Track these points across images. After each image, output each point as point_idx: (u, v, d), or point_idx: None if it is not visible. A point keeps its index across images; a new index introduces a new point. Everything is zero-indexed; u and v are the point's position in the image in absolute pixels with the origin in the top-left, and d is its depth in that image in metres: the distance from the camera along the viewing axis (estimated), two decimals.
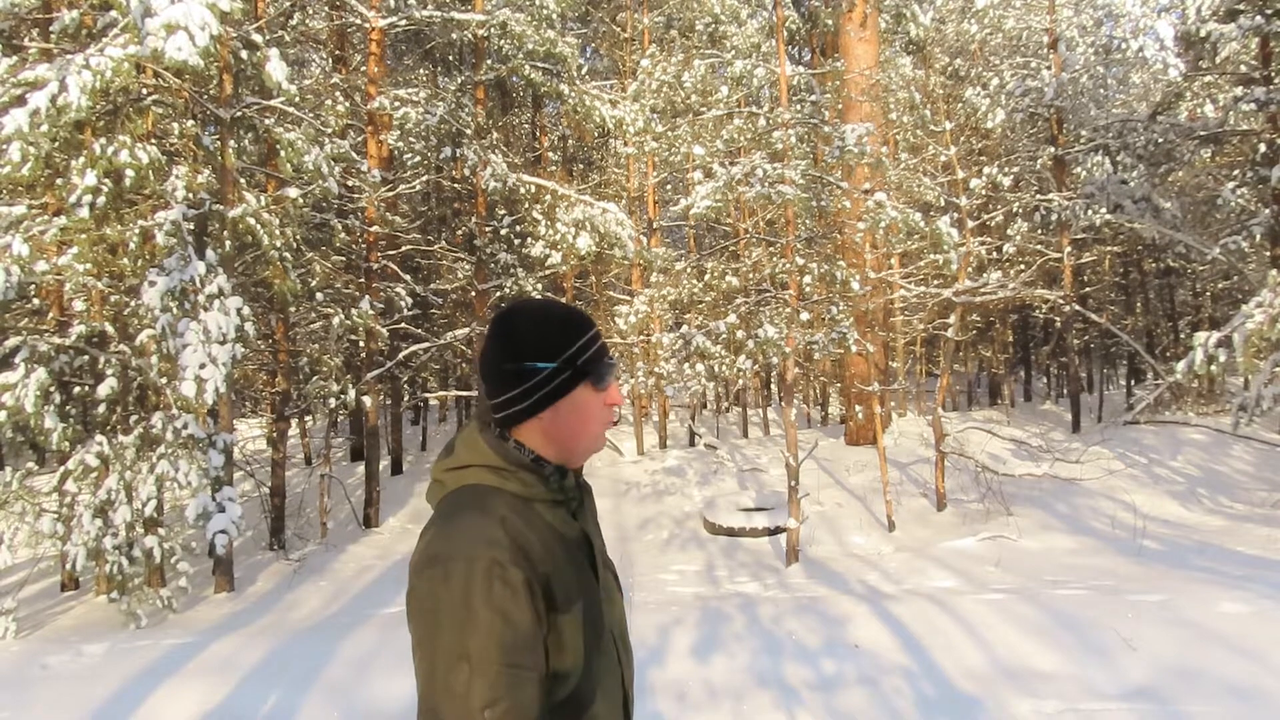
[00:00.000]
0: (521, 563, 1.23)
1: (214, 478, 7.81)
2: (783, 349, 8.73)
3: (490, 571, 1.21)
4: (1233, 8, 12.29)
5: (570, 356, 1.34)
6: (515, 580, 1.21)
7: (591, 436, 1.40)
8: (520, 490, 1.33)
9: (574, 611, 1.29)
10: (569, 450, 1.38)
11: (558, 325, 1.37)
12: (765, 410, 18.45)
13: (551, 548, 1.30)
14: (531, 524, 1.30)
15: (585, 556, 1.39)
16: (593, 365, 1.37)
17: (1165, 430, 12.38)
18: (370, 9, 11.81)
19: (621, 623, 1.49)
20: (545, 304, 1.41)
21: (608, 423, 1.41)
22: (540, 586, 1.24)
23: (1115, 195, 14.65)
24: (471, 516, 1.28)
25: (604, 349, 1.39)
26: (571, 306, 1.43)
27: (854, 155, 9.03)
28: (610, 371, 1.40)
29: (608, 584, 1.45)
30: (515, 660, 1.19)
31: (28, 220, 8.16)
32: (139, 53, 7.05)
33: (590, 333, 1.38)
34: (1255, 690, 4.18)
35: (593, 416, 1.38)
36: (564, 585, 1.29)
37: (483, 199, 12.50)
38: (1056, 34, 15.82)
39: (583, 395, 1.36)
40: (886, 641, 5.23)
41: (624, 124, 12.51)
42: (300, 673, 5.31)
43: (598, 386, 1.38)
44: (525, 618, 1.21)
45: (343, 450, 17.09)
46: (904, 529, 9.60)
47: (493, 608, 1.19)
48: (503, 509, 1.29)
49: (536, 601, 1.23)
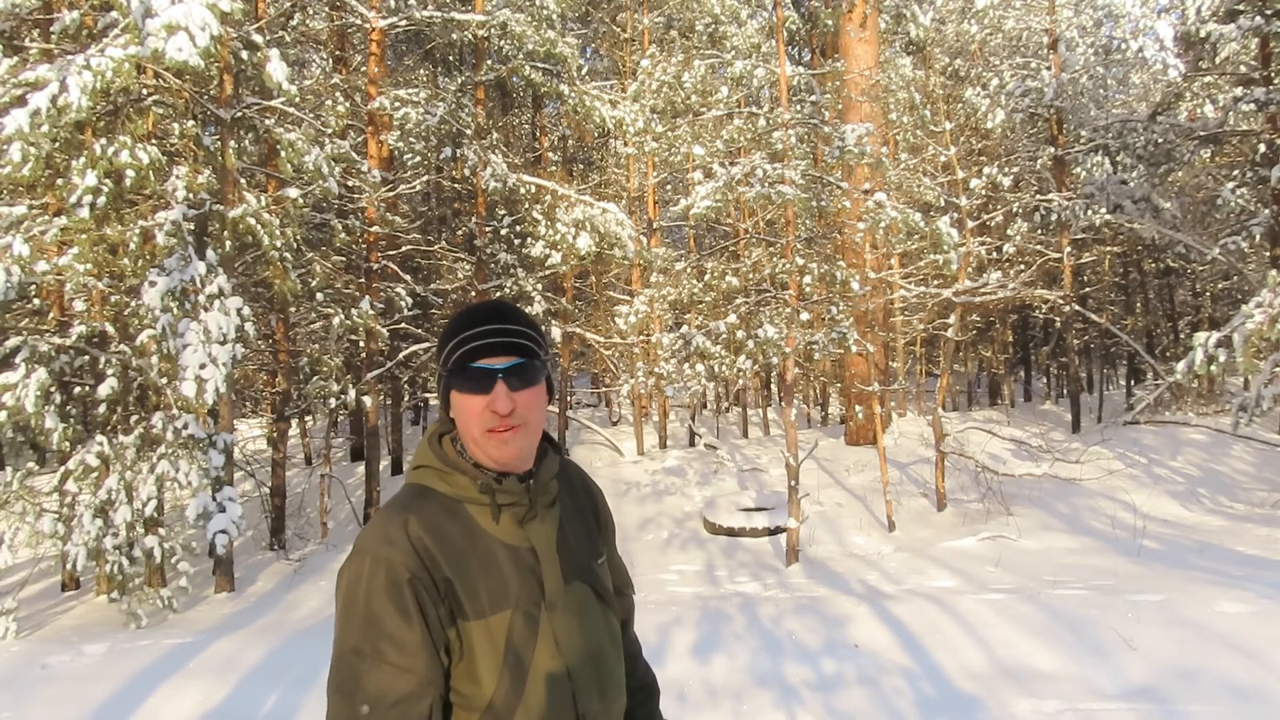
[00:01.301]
0: (412, 563, 1.23)
1: (214, 478, 7.81)
2: (783, 349, 8.73)
3: (376, 570, 1.23)
4: (1232, 8, 12.29)
5: (444, 358, 1.34)
6: (399, 579, 1.22)
7: (474, 441, 1.32)
8: (450, 491, 1.32)
9: (490, 621, 1.26)
10: (474, 453, 1.33)
11: (447, 328, 1.36)
12: (765, 410, 18.46)
13: (468, 553, 1.28)
14: (452, 527, 1.29)
15: (528, 566, 1.32)
16: (455, 370, 1.32)
17: (1165, 430, 12.38)
18: (370, 9, 11.81)
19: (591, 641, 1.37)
20: (468, 306, 1.40)
21: (495, 429, 1.30)
22: (436, 591, 1.24)
23: (1115, 195, 14.66)
24: (384, 515, 1.31)
25: (475, 352, 1.30)
26: (482, 303, 1.39)
27: (854, 155, 9.04)
28: (475, 379, 1.30)
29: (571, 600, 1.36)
30: (391, 658, 1.20)
31: (28, 220, 8.17)
32: (139, 53, 7.05)
33: (460, 335, 1.32)
34: (1255, 690, 4.19)
35: (470, 420, 1.31)
36: (477, 592, 1.26)
37: (483, 199, 12.50)
38: (1056, 34, 15.82)
39: (459, 399, 1.32)
40: (886, 641, 5.23)
41: (624, 124, 12.51)
42: (300, 673, 5.32)
43: (462, 392, 1.31)
44: (405, 620, 1.21)
45: (343, 450, 17.09)
46: (904, 529, 9.60)
47: (372, 605, 1.22)
48: (422, 509, 1.30)
49: (426, 604, 1.23)
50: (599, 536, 1.51)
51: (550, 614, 1.32)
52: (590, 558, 1.44)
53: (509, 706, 1.27)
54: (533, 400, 1.33)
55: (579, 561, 1.40)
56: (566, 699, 1.31)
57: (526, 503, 1.34)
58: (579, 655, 1.34)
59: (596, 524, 1.52)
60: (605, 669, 1.39)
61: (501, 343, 1.31)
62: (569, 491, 1.47)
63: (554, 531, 1.37)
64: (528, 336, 1.34)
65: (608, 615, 1.44)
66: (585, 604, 1.38)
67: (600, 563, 1.46)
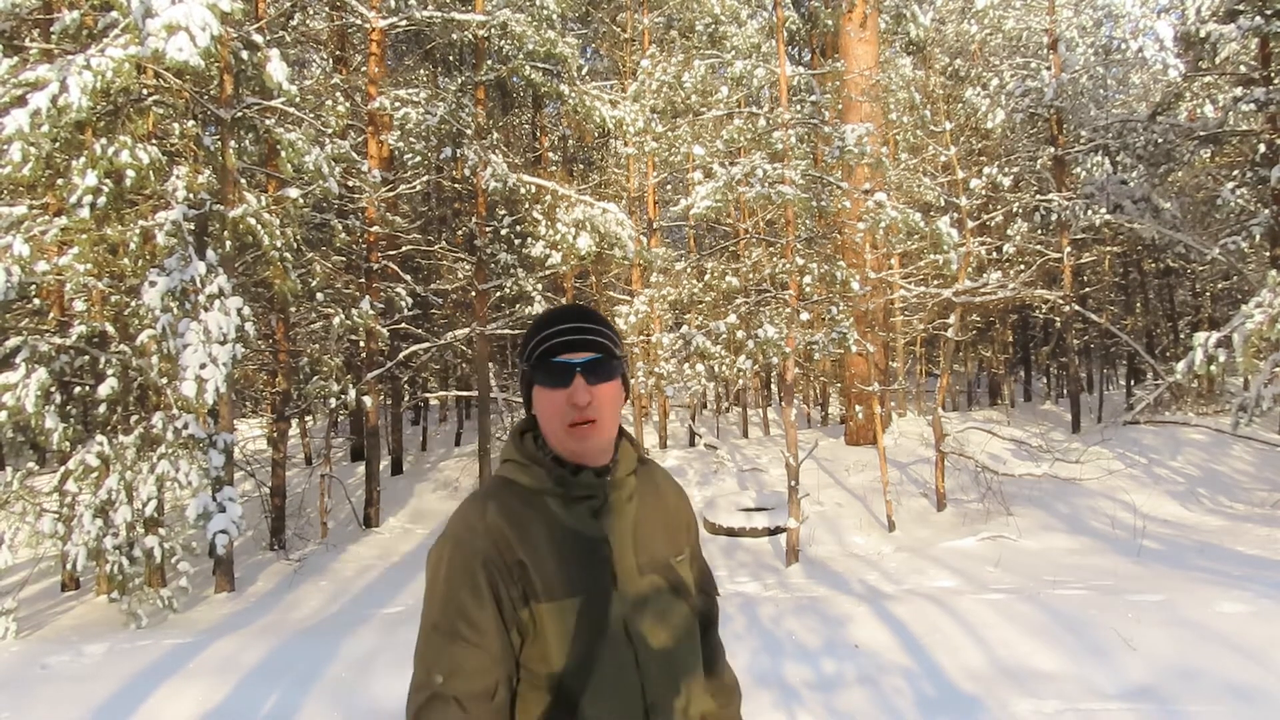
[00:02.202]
0: (487, 546, 1.32)
1: (214, 478, 7.81)
2: (783, 349, 8.73)
3: (455, 553, 1.33)
4: (1232, 8, 12.29)
5: (528, 355, 1.42)
6: (473, 561, 1.31)
7: (555, 435, 1.40)
8: (529, 483, 1.40)
9: (562, 604, 1.33)
10: (557, 447, 1.41)
11: (532, 326, 1.45)
12: (765, 410, 18.46)
13: (544, 539, 1.35)
14: (530, 515, 1.37)
15: (601, 556, 1.38)
16: (538, 364, 1.40)
17: (1165, 430, 12.38)
18: (370, 9, 11.81)
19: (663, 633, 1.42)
20: (550, 309, 1.49)
21: (575, 422, 1.38)
22: (511, 573, 1.32)
23: (1115, 195, 14.66)
24: (467, 503, 1.40)
25: (556, 348, 1.39)
26: (562, 306, 1.48)
27: (854, 155, 9.04)
28: (555, 373, 1.38)
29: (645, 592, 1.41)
30: (465, 635, 1.29)
31: (28, 220, 8.16)
32: (140, 53, 7.05)
33: (540, 333, 1.41)
34: (1255, 690, 4.18)
35: (552, 414, 1.39)
36: (550, 577, 1.33)
37: (483, 199, 12.50)
38: (1056, 34, 15.81)
39: (540, 394, 1.41)
40: (886, 641, 5.23)
41: (624, 124, 12.51)
42: (300, 673, 5.32)
43: (543, 386, 1.40)
44: (477, 599, 1.30)
45: (343, 450, 17.09)
46: (904, 529, 9.60)
47: (450, 583, 1.32)
48: (501, 497, 1.39)
49: (497, 584, 1.31)
50: (680, 536, 1.55)
51: (621, 603, 1.38)
52: (668, 553, 1.49)
53: (577, 688, 1.33)
54: (609, 395, 1.40)
55: (655, 556, 1.46)
56: (634, 687, 1.36)
57: (601, 495, 1.41)
58: (649, 646, 1.39)
59: (681, 524, 1.57)
60: (677, 662, 1.43)
61: (579, 339, 1.40)
62: (650, 489, 1.52)
63: (629, 525, 1.43)
64: (604, 335, 1.43)
65: (683, 610, 1.47)
66: (659, 597, 1.43)
67: (679, 559, 1.51)
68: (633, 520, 1.44)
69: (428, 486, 13.41)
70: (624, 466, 1.46)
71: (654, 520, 1.49)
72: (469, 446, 15.84)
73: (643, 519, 1.46)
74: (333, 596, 8.49)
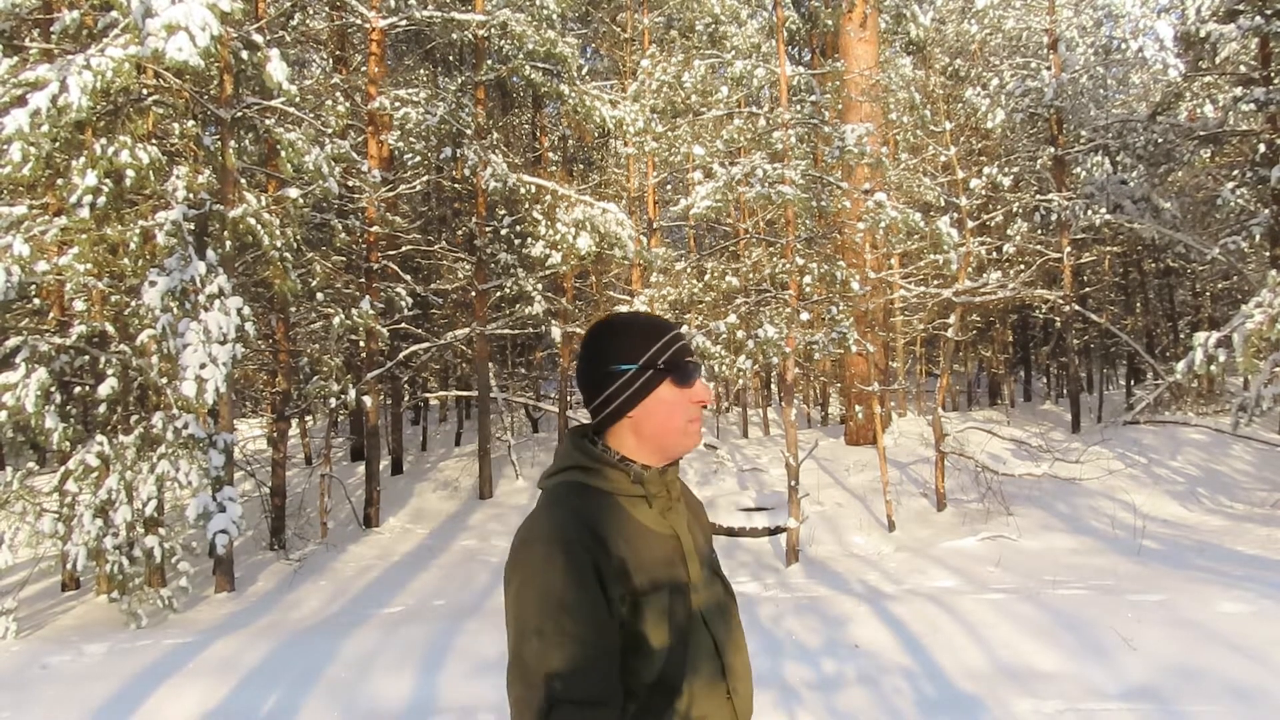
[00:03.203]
0: (591, 546, 1.32)
1: (214, 477, 7.80)
2: (783, 349, 8.73)
3: (553, 553, 1.30)
4: (1232, 8, 12.29)
5: (651, 357, 1.45)
6: (582, 562, 1.30)
7: (679, 431, 1.45)
8: (605, 486, 1.42)
9: (657, 598, 1.36)
10: (661, 446, 1.45)
11: (640, 331, 1.48)
12: (765, 410, 18.46)
13: (632, 537, 1.38)
14: (612, 515, 1.40)
15: (675, 551, 1.43)
16: (674, 364, 1.46)
17: (1165, 430, 12.38)
18: (371, 9, 11.81)
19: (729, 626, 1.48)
20: (632, 314, 1.53)
21: (694, 418, 1.47)
22: (613, 569, 1.32)
23: (1115, 195, 14.66)
24: (553, 508, 1.39)
25: (685, 350, 1.47)
26: (655, 315, 1.54)
27: (854, 155, 9.04)
28: (693, 370, 1.47)
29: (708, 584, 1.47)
30: (578, 634, 1.27)
31: (28, 220, 8.16)
32: (140, 53, 7.05)
33: (669, 334, 1.47)
34: (1255, 690, 4.18)
35: (678, 412, 1.45)
36: (645, 572, 1.36)
37: (483, 199, 12.50)
38: (1056, 34, 15.82)
39: (667, 392, 1.45)
40: (886, 641, 5.23)
41: (624, 124, 12.50)
42: (300, 673, 5.32)
43: (680, 384, 1.45)
44: (589, 596, 1.29)
45: (343, 450, 17.08)
46: (904, 529, 9.60)
47: (553, 585, 1.29)
48: (581, 500, 1.40)
49: (606, 582, 1.31)
50: (708, 529, 1.62)
51: (697, 598, 1.43)
52: (710, 550, 1.55)
53: (677, 679, 1.36)
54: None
55: (705, 552, 1.52)
56: (720, 677, 1.42)
57: (665, 495, 1.46)
58: (725, 638, 1.45)
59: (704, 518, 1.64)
60: (743, 654, 1.50)
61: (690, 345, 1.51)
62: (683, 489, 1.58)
63: (685, 521, 1.50)
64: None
65: (735, 606, 1.54)
66: (721, 593, 1.50)
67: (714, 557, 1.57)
68: (685, 517, 1.51)
69: (428, 486, 13.41)
70: (673, 466, 1.51)
71: (695, 514, 1.57)
72: (469, 446, 15.84)
73: (690, 515, 1.54)
74: (333, 596, 8.49)
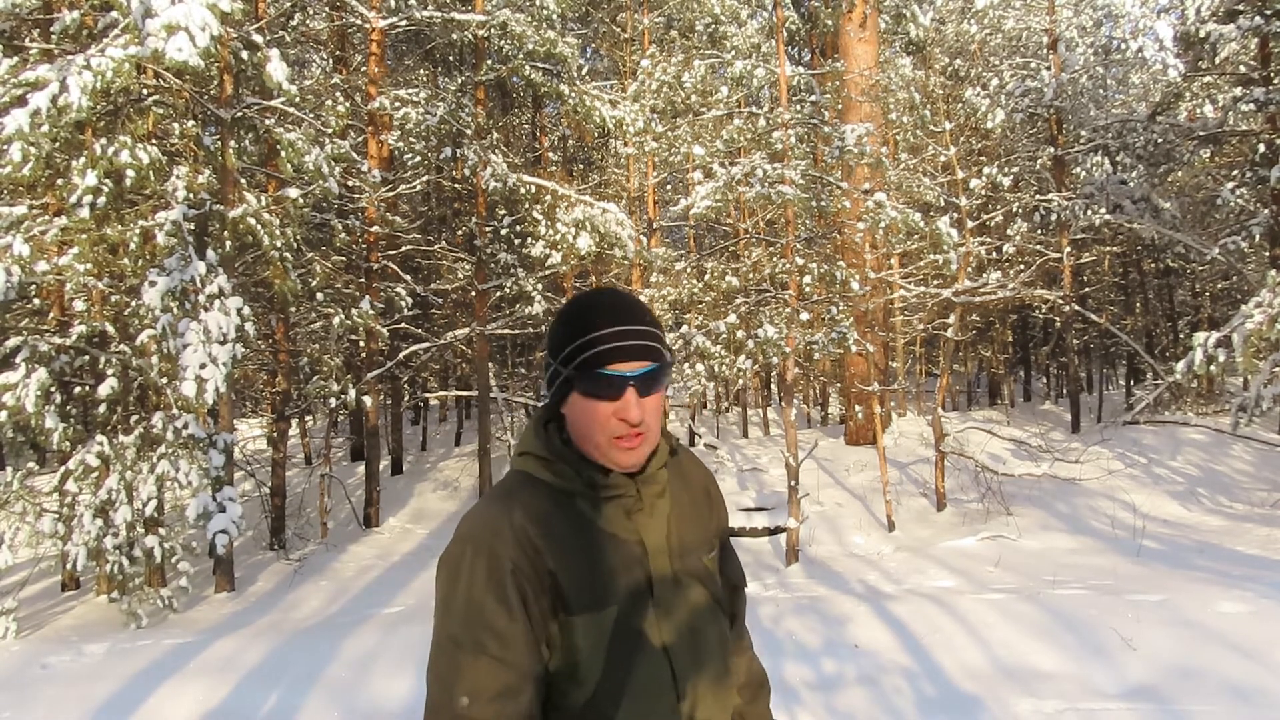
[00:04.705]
0: (515, 553, 1.19)
1: (214, 477, 7.81)
2: (783, 349, 8.73)
3: (478, 559, 1.20)
4: (1232, 8, 12.29)
5: (566, 356, 1.24)
6: (502, 570, 1.19)
7: (601, 446, 1.24)
8: (556, 482, 1.27)
9: (597, 616, 1.22)
10: (588, 451, 1.26)
11: (567, 318, 1.27)
12: (765, 410, 18.46)
13: (576, 543, 1.24)
14: (559, 518, 1.25)
15: (636, 559, 1.27)
16: (581, 372, 1.22)
17: (1165, 430, 12.38)
18: (371, 9, 11.81)
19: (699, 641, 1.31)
20: (586, 294, 1.29)
21: (621, 436, 1.22)
22: (541, 582, 1.20)
23: (1115, 195, 14.66)
24: (489, 502, 1.27)
25: (605, 355, 1.20)
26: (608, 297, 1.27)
27: (854, 155, 9.04)
28: (604, 385, 1.21)
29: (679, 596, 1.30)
30: (495, 651, 1.17)
31: (29, 220, 8.16)
32: (139, 53, 7.05)
33: (588, 336, 1.22)
34: (1255, 690, 4.19)
35: (594, 426, 1.23)
36: (582, 586, 1.22)
37: (483, 199, 12.50)
38: (1056, 34, 15.82)
39: (581, 403, 1.23)
40: (886, 641, 5.23)
41: (624, 124, 12.50)
42: (300, 673, 5.32)
43: (587, 396, 1.22)
44: (507, 611, 1.18)
45: (343, 450, 17.09)
46: (904, 529, 9.60)
47: (473, 594, 1.19)
48: (528, 494, 1.26)
49: (531, 597, 1.19)
50: (710, 528, 1.43)
51: (657, 610, 1.27)
52: (701, 550, 1.37)
53: (611, 704, 1.22)
54: (658, 405, 1.25)
55: (689, 556, 1.34)
56: (670, 697, 1.26)
57: (634, 494, 1.28)
58: (686, 655, 1.29)
59: (710, 515, 1.44)
60: (714, 670, 1.33)
61: (636, 346, 1.21)
62: (681, 482, 1.39)
63: (663, 524, 1.31)
64: (657, 339, 1.24)
65: (717, 613, 1.37)
66: (694, 601, 1.32)
67: (712, 556, 1.39)
68: (666, 517, 1.32)
69: (428, 486, 13.41)
70: (656, 460, 1.31)
71: (686, 515, 1.37)
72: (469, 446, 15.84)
73: (676, 515, 1.34)
74: (333, 596, 8.49)
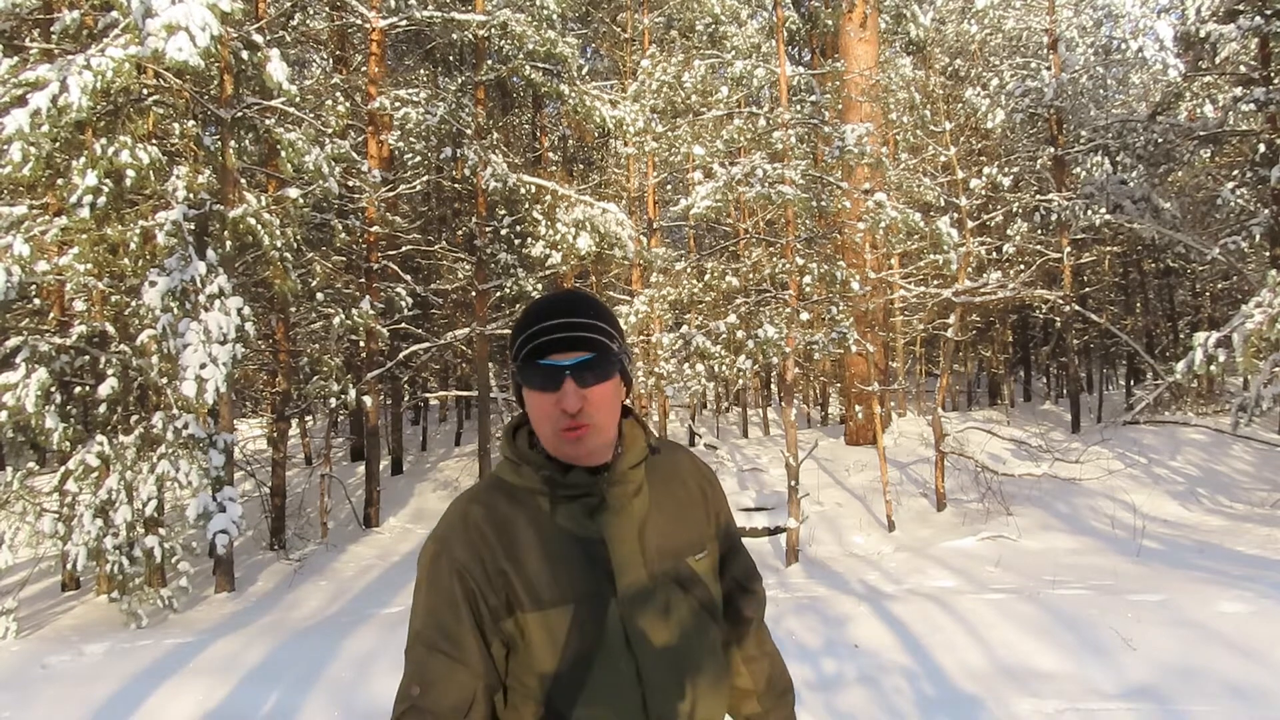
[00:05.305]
0: (466, 554, 1.26)
1: (214, 477, 7.81)
2: (783, 349, 8.73)
3: (436, 558, 1.28)
4: (1232, 8, 12.29)
5: (514, 354, 1.29)
6: (451, 570, 1.25)
7: (546, 438, 1.28)
8: (519, 482, 1.32)
9: (549, 614, 1.25)
10: (548, 449, 1.30)
11: (518, 319, 1.31)
12: (765, 410, 18.46)
13: (531, 543, 1.27)
14: (518, 517, 1.29)
15: (595, 559, 1.29)
16: (523, 366, 1.27)
17: (1165, 430, 12.38)
18: (371, 9, 11.81)
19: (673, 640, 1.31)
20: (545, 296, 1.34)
21: (565, 427, 1.26)
22: (491, 582, 1.25)
23: (1115, 195, 14.65)
24: (455, 504, 1.33)
25: (541, 348, 1.25)
26: (551, 295, 1.32)
27: (854, 155, 9.04)
28: (539, 376, 1.26)
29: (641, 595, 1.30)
30: (439, 645, 1.24)
31: (29, 220, 8.17)
32: (140, 53, 7.05)
33: (528, 331, 1.27)
34: (1255, 690, 4.18)
35: (542, 418, 1.27)
36: (536, 584, 1.25)
37: (483, 199, 12.50)
38: (1056, 34, 15.82)
39: (528, 396, 1.28)
40: (886, 641, 5.23)
41: (624, 124, 12.51)
42: (301, 673, 5.32)
43: (531, 389, 1.27)
44: (452, 610, 1.24)
45: (343, 450, 17.09)
46: (904, 529, 9.60)
47: (429, 591, 1.27)
48: (489, 499, 1.31)
49: (475, 596, 1.25)
50: (703, 529, 1.42)
51: (621, 609, 1.28)
52: (684, 551, 1.37)
53: (568, 702, 1.25)
54: (605, 396, 1.28)
55: (667, 555, 1.34)
56: (634, 699, 1.27)
57: (598, 494, 1.30)
58: (655, 654, 1.29)
59: (704, 516, 1.44)
60: (689, 670, 1.32)
61: (569, 337, 1.26)
62: (664, 481, 1.40)
63: (634, 523, 1.32)
64: (597, 329, 1.28)
65: (701, 616, 1.36)
66: (669, 600, 1.32)
67: (699, 557, 1.38)
68: (639, 517, 1.33)
69: (428, 486, 13.41)
70: (628, 459, 1.33)
71: (668, 515, 1.37)
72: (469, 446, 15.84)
73: (654, 515, 1.35)
74: (333, 596, 8.49)
